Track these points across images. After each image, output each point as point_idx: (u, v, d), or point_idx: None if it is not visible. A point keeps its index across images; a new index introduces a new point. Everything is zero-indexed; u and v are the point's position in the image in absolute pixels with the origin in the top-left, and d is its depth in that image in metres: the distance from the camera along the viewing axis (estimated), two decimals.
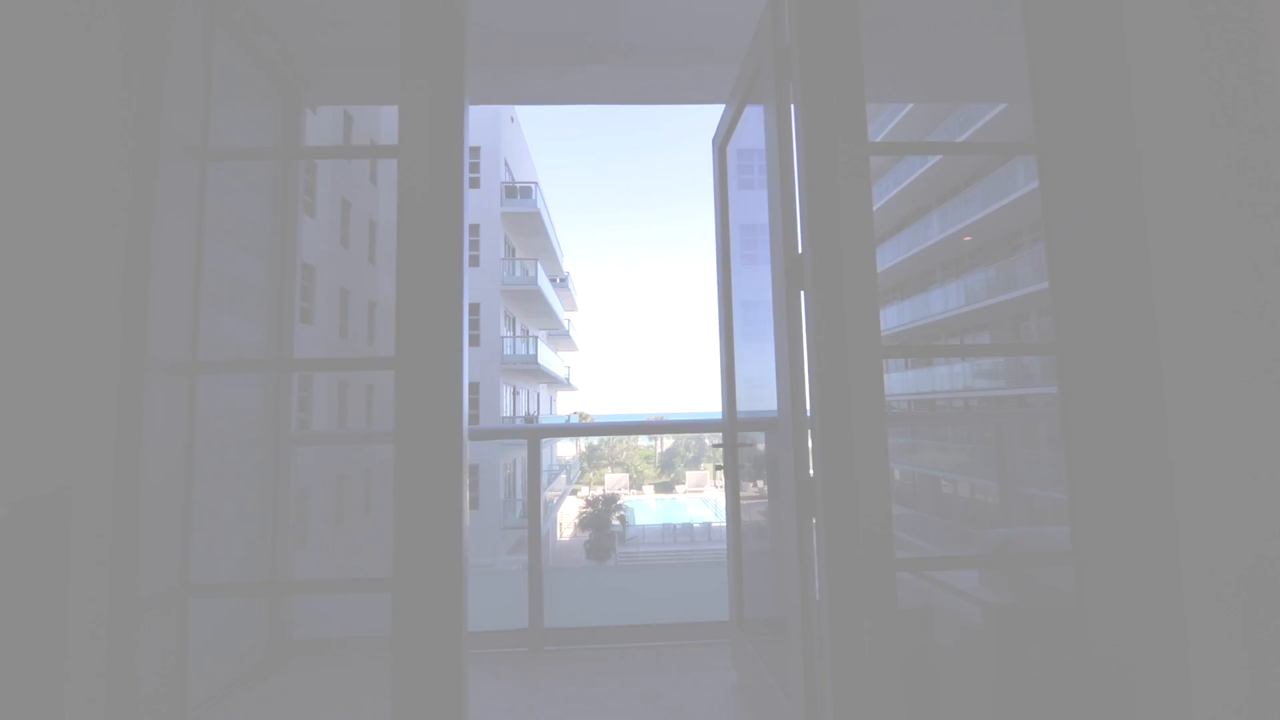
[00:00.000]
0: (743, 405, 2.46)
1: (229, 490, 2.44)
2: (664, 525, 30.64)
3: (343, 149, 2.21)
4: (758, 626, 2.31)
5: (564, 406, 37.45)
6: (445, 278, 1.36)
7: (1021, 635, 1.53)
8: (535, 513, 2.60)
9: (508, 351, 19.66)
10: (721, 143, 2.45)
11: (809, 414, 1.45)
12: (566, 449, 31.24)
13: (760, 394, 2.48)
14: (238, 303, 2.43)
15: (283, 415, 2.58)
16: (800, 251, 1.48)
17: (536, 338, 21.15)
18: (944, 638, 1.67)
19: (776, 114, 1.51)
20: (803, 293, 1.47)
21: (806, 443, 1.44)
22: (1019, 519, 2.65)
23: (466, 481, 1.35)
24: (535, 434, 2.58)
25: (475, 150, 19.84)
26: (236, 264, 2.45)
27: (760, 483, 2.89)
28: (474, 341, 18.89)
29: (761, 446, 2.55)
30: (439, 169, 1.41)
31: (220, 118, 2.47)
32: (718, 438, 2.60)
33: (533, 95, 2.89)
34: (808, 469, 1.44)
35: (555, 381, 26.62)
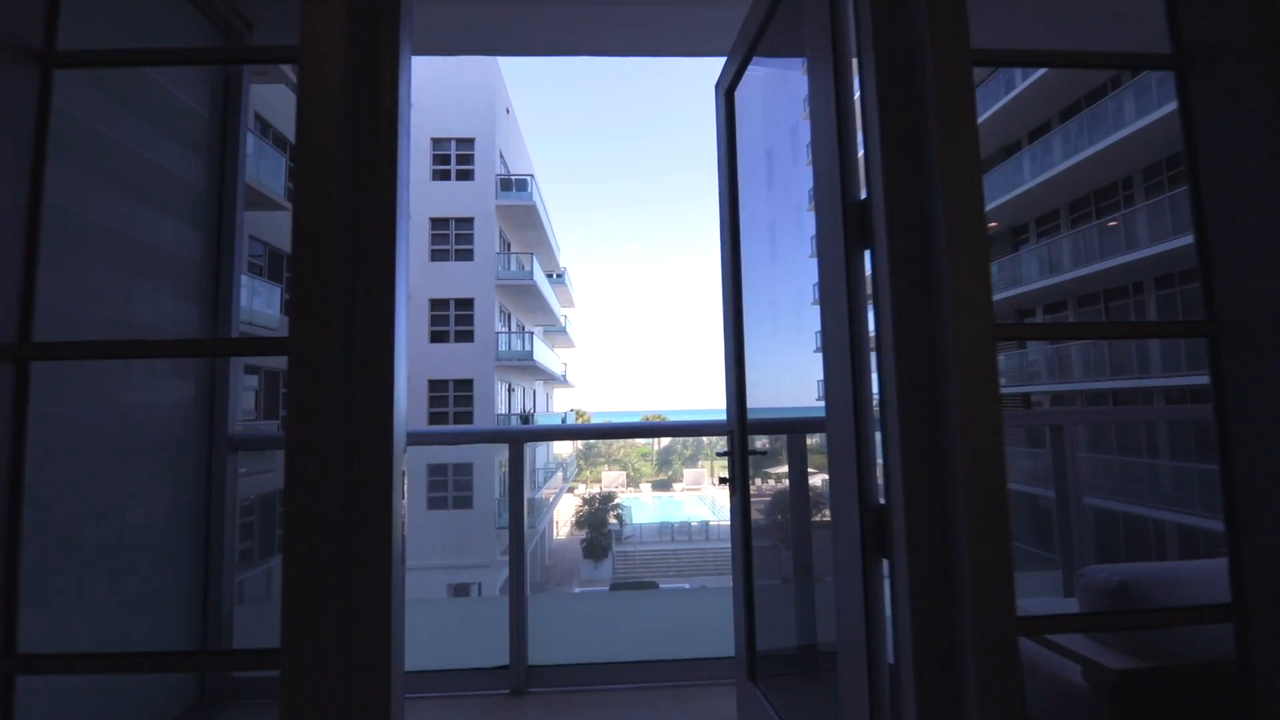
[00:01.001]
0: (754, 401, 2.07)
1: (158, 503, 2.05)
2: (661, 524, 30.32)
3: (220, 51, 1.77)
4: (770, 667, 1.93)
5: (561, 404, 37.01)
6: (370, 236, 0.97)
7: (1153, 710, 1.15)
8: (518, 528, 2.21)
9: (502, 348, 19.22)
10: (728, 87, 2.04)
11: (876, 417, 1.07)
12: (563, 446, 30.84)
13: (777, 389, 2.10)
14: (165, 280, 2.04)
15: (219, 414, 2.19)
16: (865, 196, 1.09)
17: (532, 334, 20.72)
18: (1039, 707, 1.29)
19: (830, 8, 1.11)
20: (868, 252, 1.08)
21: (874, 456, 1.06)
22: (1085, 536, 2.28)
23: (402, 502, 0.97)
24: (517, 437, 2.19)
25: (469, 142, 19.42)
26: (166, 235, 2.05)
27: (780, 502, 2.51)
28: (468, 337, 18.49)
29: (763, 443, 2.17)
30: (363, 84, 1.02)
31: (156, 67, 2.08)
32: (721, 442, 2.20)
33: (510, 44, 2.48)
34: (875, 492, 1.06)
35: (551, 378, 26.18)
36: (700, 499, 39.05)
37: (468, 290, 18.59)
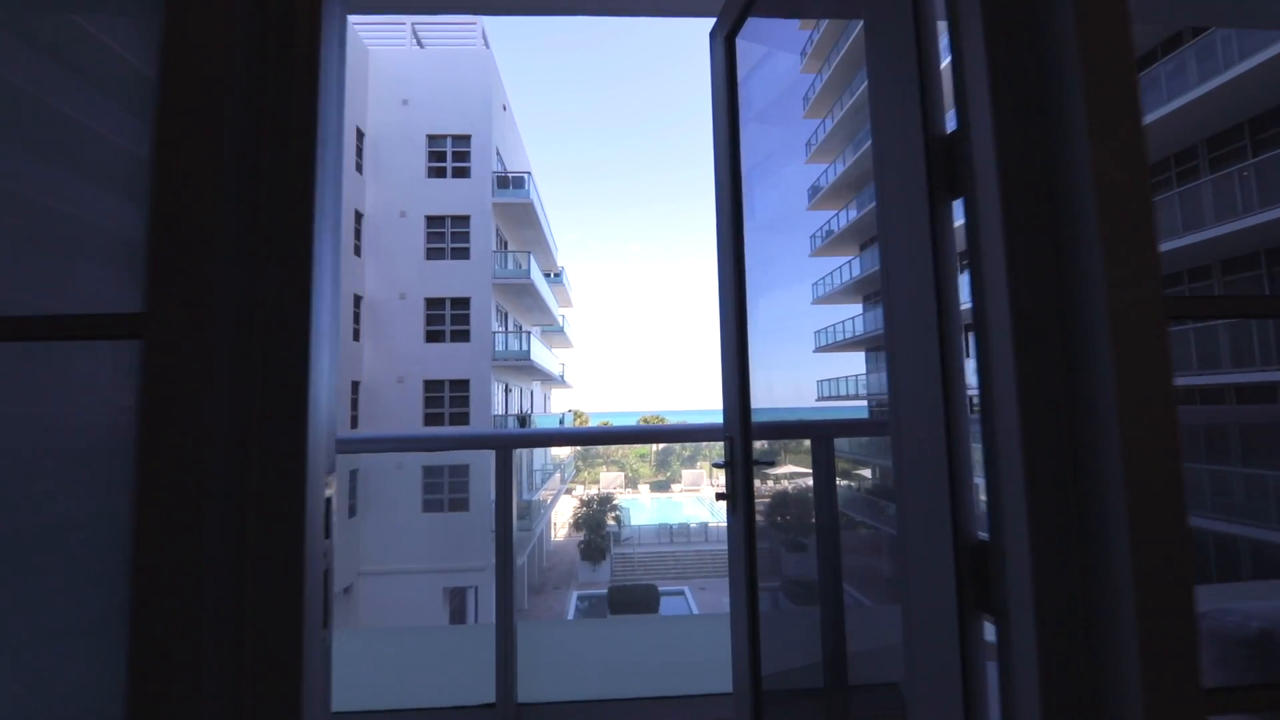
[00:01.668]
0: (760, 400, 1.74)
1: (81, 516, 1.77)
2: (660, 525, 30.04)
3: None
4: (781, 704, 1.65)
5: (559, 404, 36.71)
6: (277, 200, 0.70)
7: None
8: (505, 546, 1.93)
9: (499, 348, 18.93)
10: (728, 33, 1.74)
11: (971, 419, 0.80)
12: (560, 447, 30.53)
13: (770, 389, 1.82)
14: (95, 255, 1.76)
15: None
16: (955, 129, 0.83)
17: (530, 334, 20.44)
18: None
19: None
20: (961, 201, 0.81)
21: (969, 475, 0.79)
22: None
23: (324, 541, 0.70)
24: (504, 443, 1.91)
25: (465, 139, 19.15)
26: (93, 206, 1.78)
27: (787, 511, 2.25)
28: (464, 337, 18.21)
29: (762, 446, 1.90)
30: (270, 21, 0.76)
31: (94, 23, 1.81)
32: (718, 450, 1.84)
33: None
34: (972, 524, 0.79)
35: (549, 379, 25.89)
36: (699, 500, 38.78)
37: (464, 289, 18.30)
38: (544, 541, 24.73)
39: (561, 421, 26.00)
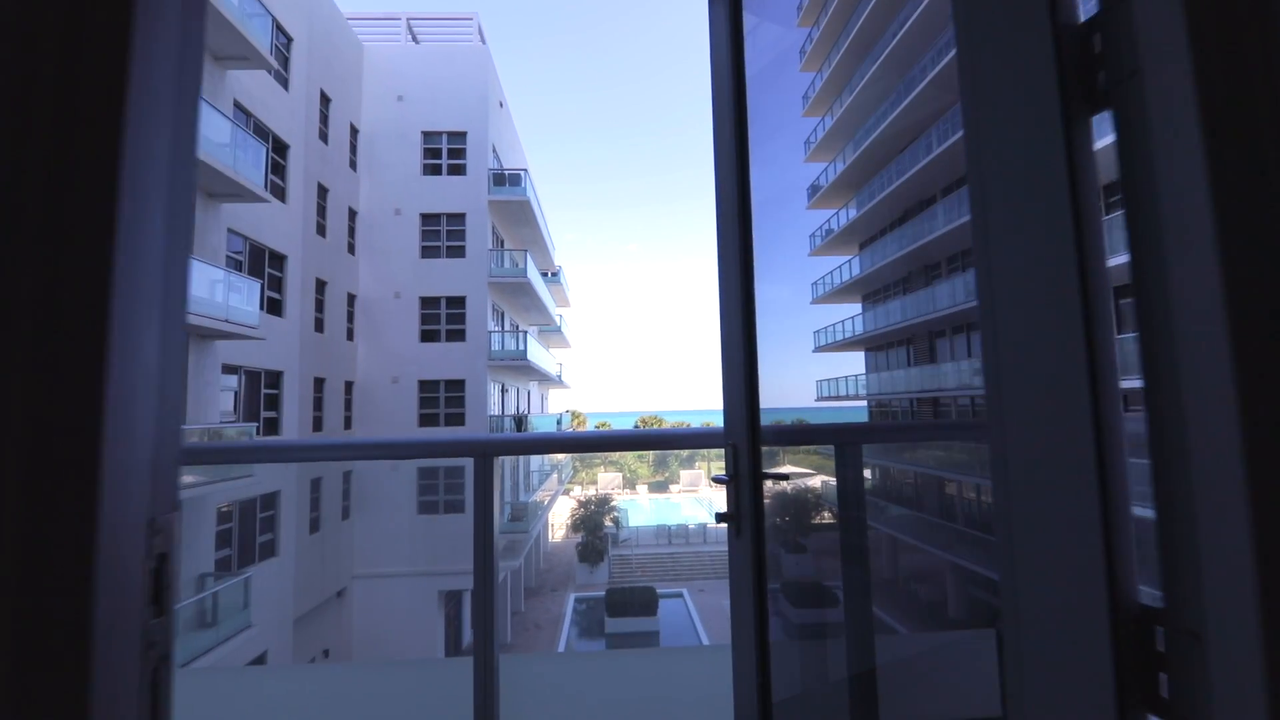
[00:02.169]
0: (761, 400, 1.45)
1: None
2: (658, 526, 29.81)
3: None
4: None
5: (556, 405, 36.42)
6: (67, 26, 0.45)
7: None
8: (486, 569, 1.68)
9: (495, 347, 18.66)
10: None
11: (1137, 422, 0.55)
12: None
13: (789, 387, 1.58)
14: None
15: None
16: (1096, 13, 0.58)
17: (526, 333, 20.17)
18: None
19: None
20: (1110, 113, 0.57)
21: (1127, 510, 0.54)
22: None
23: (156, 617, 0.45)
24: (484, 450, 1.66)
25: (461, 135, 18.90)
26: None
27: (820, 538, 2.00)
28: (459, 336, 17.94)
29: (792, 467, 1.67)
30: None
31: None
32: (716, 452, 1.53)
33: None
34: (1132, 583, 0.54)
35: (546, 379, 25.62)
36: (697, 500, 38.54)
37: (459, 288, 18.04)
38: (541, 543, 24.45)
39: (559, 423, 25.73)
